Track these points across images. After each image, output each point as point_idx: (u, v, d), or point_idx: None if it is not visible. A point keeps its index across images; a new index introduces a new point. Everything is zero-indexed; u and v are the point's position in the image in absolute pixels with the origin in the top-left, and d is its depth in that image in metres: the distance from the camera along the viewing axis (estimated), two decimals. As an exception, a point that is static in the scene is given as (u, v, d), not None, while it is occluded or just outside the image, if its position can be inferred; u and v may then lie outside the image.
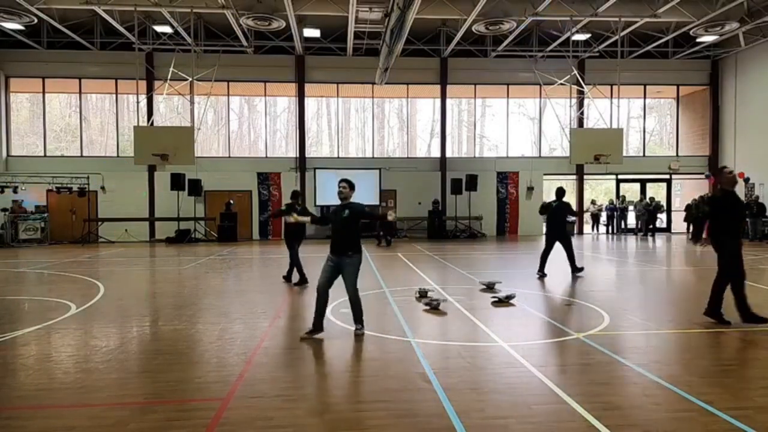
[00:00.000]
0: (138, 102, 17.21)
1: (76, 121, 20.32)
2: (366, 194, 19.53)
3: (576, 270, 9.65)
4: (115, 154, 19.95)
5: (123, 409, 3.65)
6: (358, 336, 5.41)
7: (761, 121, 18.77)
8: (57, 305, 7.14)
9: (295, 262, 9.04)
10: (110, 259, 13.50)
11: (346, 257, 5.36)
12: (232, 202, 18.68)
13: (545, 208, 9.94)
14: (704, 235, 6.10)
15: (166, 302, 7.66)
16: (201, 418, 3.48)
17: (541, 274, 9.56)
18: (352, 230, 5.42)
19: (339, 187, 5.52)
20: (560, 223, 9.74)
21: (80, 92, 19.78)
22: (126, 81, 18.58)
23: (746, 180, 19.18)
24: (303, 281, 8.93)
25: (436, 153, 21.15)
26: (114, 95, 20.03)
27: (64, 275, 10.23)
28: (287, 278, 9.27)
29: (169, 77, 16.69)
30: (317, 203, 19.68)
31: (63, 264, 12.05)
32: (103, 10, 15.02)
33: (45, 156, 19.61)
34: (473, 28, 17.08)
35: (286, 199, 19.50)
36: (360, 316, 5.56)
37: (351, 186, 5.55)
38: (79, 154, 19.67)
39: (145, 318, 6.60)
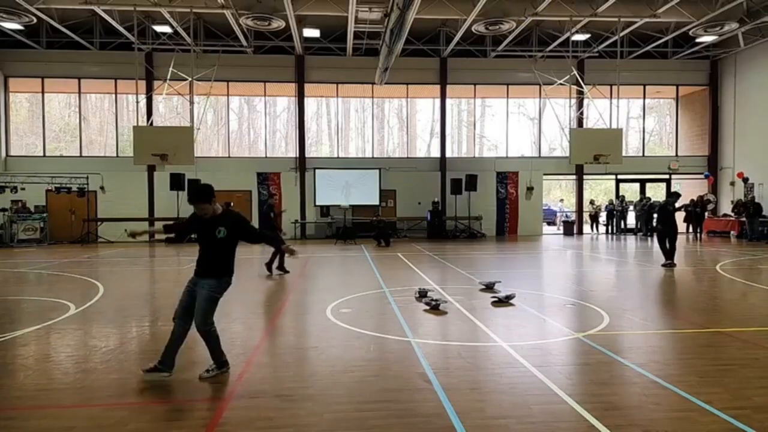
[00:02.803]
0: (137, 102, 17.20)
1: (76, 121, 20.31)
2: (366, 194, 19.58)
3: (667, 261, 10.88)
4: (115, 154, 19.94)
5: (122, 410, 3.65)
6: (203, 378, 4.15)
7: (760, 122, 18.77)
8: (56, 305, 7.13)
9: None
10: (109, 259, 13.49)
11: (205, 279, 4.17)
12: (231, 204, 18.68)
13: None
14: None
15: (166, 302, 7.65)
16: (200, 419, 3.48)
17: (670, 263, 10.81)
18: (226, 251, 4.23)
19: (198, 208, 4.17)
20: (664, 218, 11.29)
21: (79, 92, 19.75)
22: (125, 81, 18.56)
23: (745, 180, 19.19)
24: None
25: (435, 153, 21.14)
26: (113, 95, 20.02)
27: (63, 275, 10.22)
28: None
29: (168, 77, 16.68)
30: (317, 203, 19.69)
31: (62, 264, 12.04)
32: (103, 10, 15.01)
33: (44, 156, 19.59)
34: (473, 28, 17.08)
35: (287, 199, 19.58)
36: (216, 353, 4.25)
37: (207, 196, 4.12)
38: (78, 154, 19.66)
39: (145, 318, 6.60)
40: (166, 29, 17.22)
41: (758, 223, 17.30)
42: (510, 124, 21.18)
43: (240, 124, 23.09)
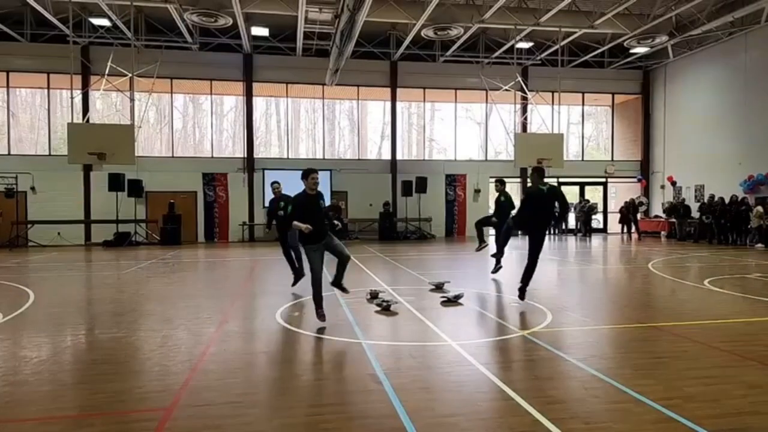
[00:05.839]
0: (72, 98, 16.17)
1: (4, 117, 18.90)
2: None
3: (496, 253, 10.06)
4: (47, 153, 18.73)
5: (57, 424, 3.43)
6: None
7: (687, 129, 20.20)
8: (-20, 315, 6.60)
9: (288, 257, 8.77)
10: (41, 264, 12.64)
11: (328, 235, 6.13)
12: (172, 202, 18.02)
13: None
14: None
15: (104, 309, 7.27)
16: (143, 430, 3.33)
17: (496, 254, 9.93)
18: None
19: (315, 179, 5.91)
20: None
21: (8, 86, 18.43)
22: (59, 75, 17.50)
23: (674, 183, 20.57)
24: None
25: (386, 155, 21.28)
26: (46, 90, 18.80)
27: (-13, 282, 9.47)
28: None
29: (106, 72, 15.84)
30: (266, 205, 19.25)
31: (-13, 270, 11.16)
32: (35, 1, 14.08)
33: (-34, 154, 18.11)
34: (422, 33, 17.34)
35: (234, 200, 19.08)
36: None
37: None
38: (6, 153, 18.33)
39: (81, 326, 6.23)
40: (105, 22, 16.36)
41: (687, 224, 18.59)
42: (458, 127, 21.66)
43: (185, 123, 22.26)
